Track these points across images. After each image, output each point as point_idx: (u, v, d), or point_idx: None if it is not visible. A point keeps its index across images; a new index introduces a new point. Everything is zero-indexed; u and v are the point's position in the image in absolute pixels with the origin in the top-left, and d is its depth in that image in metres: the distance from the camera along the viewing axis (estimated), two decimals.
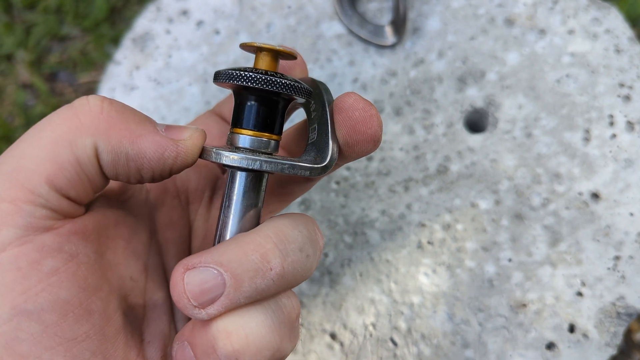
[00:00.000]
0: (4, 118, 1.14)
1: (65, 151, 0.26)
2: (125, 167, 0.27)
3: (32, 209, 0.25)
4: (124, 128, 0.27)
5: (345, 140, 0.29)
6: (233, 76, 0.27)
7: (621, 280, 0.46)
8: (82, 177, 0.26)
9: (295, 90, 0.28)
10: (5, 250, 0.24)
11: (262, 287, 0.27)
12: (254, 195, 0.29)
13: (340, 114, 0.28)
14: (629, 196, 0.48)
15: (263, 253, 0.27)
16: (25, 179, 0.25)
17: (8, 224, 0.24)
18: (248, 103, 0.29)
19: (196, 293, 0.26)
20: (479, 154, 0.50)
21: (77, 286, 0.25)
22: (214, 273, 0.26)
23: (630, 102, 0.50)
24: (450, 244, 0.48)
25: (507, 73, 0.52)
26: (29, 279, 0.24)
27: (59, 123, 0.26)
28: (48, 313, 0.24)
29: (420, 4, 0.55)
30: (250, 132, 0.29)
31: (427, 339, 0.47)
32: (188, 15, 0.58)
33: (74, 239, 0.26)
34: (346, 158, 0.30)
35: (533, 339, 0.46)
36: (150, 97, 0.56)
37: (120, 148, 0.27)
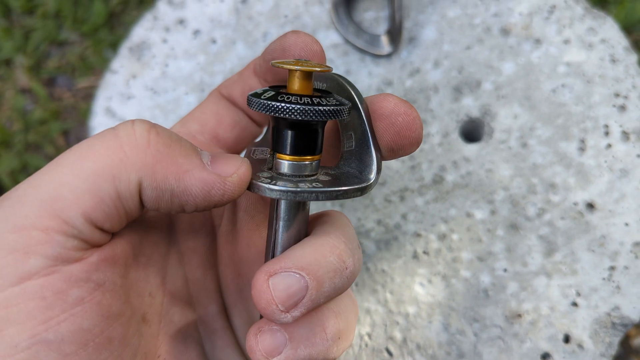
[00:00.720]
0: (3, 123, 1.14)
1: (107, 186, 0.25)
2: (168, 203, 0.27)
3: (64, 240, 0.24)
4: (171, 163, 0.26)
5: (389, 147, 0.28)
6: (269, 108, 0.26)
7: (616, 291, 0.46)
8: (120, 210, 0.26)
9: (338, 114, 0.27)
10: (31, 279, 0.24)
11: (339, 286, 0.28)
12: (301, 218, 0.29)
13: (382, 121, 0.28)
14: (624, 206, 0.48)
15: (339, 254, 0.27)
16: (61, 210, 0.24)
17: (37, 252, 0.24)
18: (288, 130, 0.28)
19: (283, 298, 0.26)
20: (474, 163, 0.50)
21: (100, 315, 0.25)
22: (297, 277, 0.26)
23: (626, 112, 0.50)
24: (445, 254, 0.48)
25: (503, 83, 0.52)
26: (53, 309, 0.24)
27: (102, 154, 0.25)
28: (68, 343, 0.24)
29: (416, 13, 0.55)
30: (293, 158, 0.28)
31: (423, 349, 0.47)
32: (185, 25, 0.58)
33: (103, 267, 0.26)
34: (390, 158, 0.30)
35: (528, 350, 0.46)
36: (146, 106, 0.56)
37: (166, 185, 0.26)
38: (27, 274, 0.24)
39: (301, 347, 0.27)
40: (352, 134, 0.29)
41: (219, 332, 0.33)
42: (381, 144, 0.28)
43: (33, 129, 1.14)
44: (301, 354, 0.27)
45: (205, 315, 0.33)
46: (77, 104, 1.15)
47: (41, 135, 1.13)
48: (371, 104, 0.29)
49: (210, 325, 0.33)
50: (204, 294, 0.33)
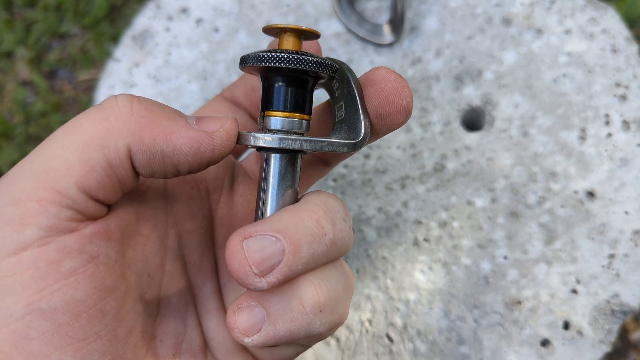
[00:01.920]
0: (4, 115, 1.15)
1: (97, 154, 0.25)
2: (161, 165, 0.27)
3: (58, 210, 0.25)
4: (155, 126, 0.26)
5: (377, 113, 0.29)
6: (263, 58, 0.27)
7: (616, 278, 0.47)
8: (113, 179, 0.26)
9: (326, 67, 0.28)
10: (26, 250, 0.24)
11: (318, 253, 0.27)
12: (291, 176, 0.29)
13: (372, 86, 0.28)
14: (624, 195, 0.48)
15: (317, 219, 0.27)
16: (54, 180, 0.25)
17: (32, 223, 0.24)
18: (277, 84, 0.28)
19: (257, 260, 0.26)
20: (475, 152, 0.50)
21: (93, 287, 0.25)
22: (272, 240, 0.26)
23: (626, 101, 0.50)
24: (446, 242, 0.49)
25: (504, 72, 0.52)
26: (46, 279, 0.24)
27: (89, 125, 0.26)
28: (61, 313, 0.24)
29: (418, 3, 0.55)
30: (282, 114, 0.29)
31: (423, 335, 0.47)
32: (188, 13, 0.58)
33: (97, 239, 0.26)
34: (378, 132, 0.30)
35: (528, 336, 0.46)
36: (149, 94, 0.56)
37: (155, 147, 0.26)
38: (23, 245, 0.24)
39: (279, 323, 0.27)
40: (343, 103, 0.30)
41: (213, 311, 0.33)
42: (370, 110, 0.29)
43: (34, 121, 1.14)
44: (281, 330, 0.27)
45: (201, 296, 0.33)
46: (78, 96, 1.15)
47: (42, 127, 1.13)
48: (364, 75, 0.29)
49: (205, 304, 0.33)
50: (201, 276, 0.33)
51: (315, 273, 0.28)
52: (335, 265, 0.29)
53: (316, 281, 0.28)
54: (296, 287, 0.27)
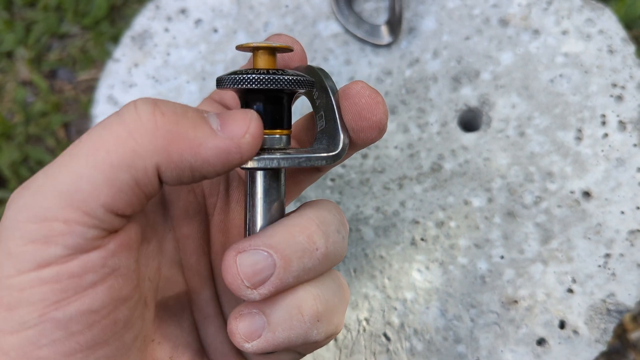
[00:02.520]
0: (4, 115, 1.15)
1: (125, 175, 0.25)
2: (190, 177, 0.27)
3: (85, 231, 0.25)
4: (182, 140, 0.26)
5: (350, 126, 0.29)
6: (236, 81, 0.28)
7: (612, 278, 0.47)
8: (140, 196, 0.26)
9: (298, 84, 0.28)
10: (49, 266, 0.24)
11: (309, 267, 0.28)
12: (276, 190, 0.30)
13: (347, 100, 0.29)
14: (620, 195, 0.48)
15: (309, 234, 0.28)
16: (82, 201, 0.24)
17: (57, 242, 0.24)
18: (255, 104, 0.29)
19: (249, 274, 0.27)
20: (472, 152, 0.51)
21: (110, 298, 0.26)
22: (265, 255, 0.27)
23: (623, 102, 0.50)
24: (443, 241, 0.49)
25: (501, 73, 0.52)
26: (66, 292, 0.24)
27: (114, 143, 0.25)
28: (75, 323, 0.24)
29: (416, 4, 0.55)
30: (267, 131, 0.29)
31: (420, 334, 0.47)
32: (187, 14, 0.58)
33: (119, 253, 0.26)
34: (354, 145, 0.30)
35: (524, 335, 0.46)
36: (148, 95, 0.56)
37: (183, 163, 0.26)
38: (46, 262, 0.24)
39: (279, 330, 0.28)
40: (322, 113, 0.30)
41: (212, 318, 0.33)
42: (344, 121, 0.29)
43: (34, 121, 1.14)
44: (280, 337, 0.28)
45: (199, 301, 0.33)
46: (78, 96, 1.15)
47: (42, 127, 1.13)
48: (342, 88, 0.30)
49: (203, 310, 0.33)
50: (198, 280, 0.33)
51: (314, 284, 0.29)
52: (332, 277, 0.30)
53: (315, 292, 0.29)
54: (296, 296, 0.28)
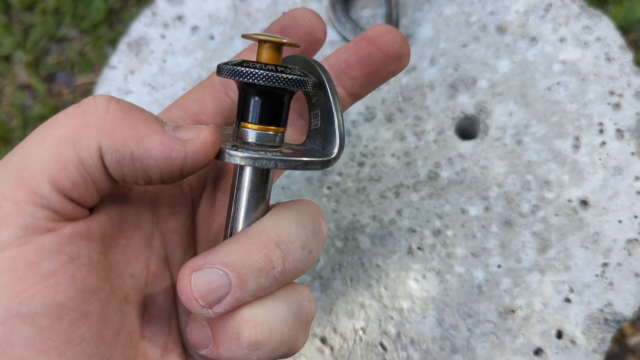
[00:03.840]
0: (2, 119, 1.15)
1: (69, 151, 0.25)
2: (131, 168, 0.27)
3: (34, 210, 0.24)
4: (129, 127, 0.26)
5: (371, 58, 0.31)
6: (238, 73, 0.27)
7: (609, 287, 0.47)
8: (86, 178, 0.26)
9: (303, 84, 0.28)
10: (3, 252, 0.24)
11: (266, 285, 0.28)
12: (263, 188, 0.30)
13: (364, 39, 0.31)
14: (617, 204, 0.48)
15: (266, 253, 0.27)
16: (29, 178, 0.25)
17: (8, 224, 0.24)
18: (254, 98, 0.29)
19: (203, 294, 0.26)
20: (469, 160, 0.50)
21: (74, 289, 0.25)
22: (220, 274, 0.27)
23: (620, 110, 0.50)
24: (440, 250, 0.49)
25: (498, 80, 0.52)
26: (25, 281, 0.24)
27: (64, 122, 0.26)
28: (42, 316, 0.24)
29: (413, 11, 0.55)
30: (257, 127, 0.29)
31: (416, 344, 0.47)
32: (183, 21, 0.58)
33: (76, 240, 0.26)
34: (370, 84, 0.32)
35: (521, 345, 0.46)
36: (144, 102, 0.56)
37: (125, 148, 0.26)
38: (0, 247, 0.24)
39: (222, 349, 0.28)
40: (319, 112, 0.30)
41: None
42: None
43: (32, 125, 1.14)
44: (223, 355, 0.28)
45: None
46: (76, 100, 1.15)
47: None
48: (361, 36, 0.32)
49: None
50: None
51: (264, 303, 0.28)
52: (291, 292, 0.29)
53: (260, 317, 0.28)
54: (237, 321, 0.27)
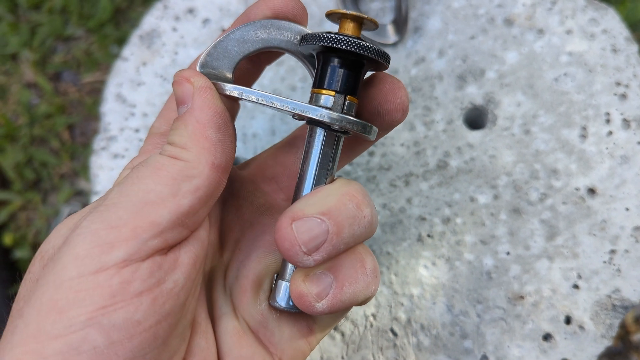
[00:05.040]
0: (9, 117, 1.15)
1: (186, 184, 0.28)
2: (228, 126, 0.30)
3: (148, 238, 0.27)
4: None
5: (377, 111, 0.31)
6: (333, 40, 0.28)
7: (617, 274, 0.47)
8: (203, 200, 0.29)
9: (383, 56, 0.29)
10: (108, 269, 0.26)
11: (358, 234, 0.30)
12: (334, 151, 0.31)
13: (373, 87, 0.31)
14: (624, 192, 0.49)
15: (358, 203, 0.30)
16: (151, 212, 0.27)
17: (120, 247, 0.26)
18: (334, 65, 0.30)
19: (305, 240, 0.28)
20: (478, 150, 0.51)
21: (153, 310, 0.26)
22: (318, 222, 0.28)
23: (627, 100, 0.51)
24: (449, 237, 0.49)
25: (506, 71, 0.53)
26: (114, 297, 0.25)
27: (170, 163, 0.29)
28: (117, 330, 0.25)
29: (421, 3, 0.56)
30: (340, 95, 0.30)
31: (427, 329, 0.48)
32: (194, 13, 0.59)
33: (167, 266, 0.27)
34: (380, 129, 0.33)
35: (530, 330, 0.47)
36: (156, 93, 0.57)
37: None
38: (105, 265, 0.26)
39: (346, 285, 0.29)
40: None
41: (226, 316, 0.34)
42: (370, 108, 0.32)
43: (38, 123, 1.15)
44: (347, 292, 0.29)
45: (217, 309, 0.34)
46: (82, 98, 1.16)
47: (46, 129, 1.14)
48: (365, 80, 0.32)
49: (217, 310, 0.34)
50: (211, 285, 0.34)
51: (364, 246, 0.31)
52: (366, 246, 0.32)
53: (368, 251, 0.31)
54: (358, 252, 0.30)
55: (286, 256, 0.29)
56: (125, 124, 0.57)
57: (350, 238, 0.29)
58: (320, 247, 0.28)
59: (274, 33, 0.32)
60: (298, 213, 0.29)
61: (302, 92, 0.55)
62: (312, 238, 0.28)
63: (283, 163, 0.36)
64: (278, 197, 0.36)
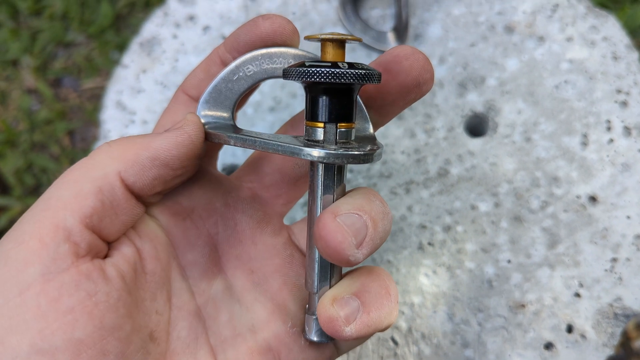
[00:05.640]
0: (9, 122, 1.15)
1: (87, 185, 0.28)
2: (153, 169, 0.29)
3: (57, 244, 0.26)
4: (134, 145, 0.29)
5: (417, 81, 0.31)
6: (307, 74, 0.27)
7: (618, 282, 0.47)
8: (107, 204, 0.28)
9: (371, 78, 0.28)
10: (29, 289, 0.25)
11: (387, 230, 0.30)
12: (334, 181, 0.30)
13: (407, 59, 0.31)
14: (626, 199, 0.49)
15: (380, 199, 0.30)
16: (52, 216, 0.26)
17: (34, 261, 0.25)
18: (322, 97, 0.29)
19: (354, 232, 0.28)
20: (478, 157, 0.51)
21: (92, 326, 0.26)
22: (357, 217, 0.28)
23: (627, 107, 0.51)
24: (450, 245, 0.49)
25: (507, 79, 0.53)
26: (47, 318, 0.25)
27: (77, 167, 0.28)
28: (62, 352, 0.25)
29: (422, 11, 0.56)
30: (331, 125, 0.29)
31: (427, 338, 0.47)
32: (195, 21, 0.59)
33: (94, 277, 0.27)
34: (412, 100, 0.32)
35: (531, 339, 0.46)
36: (156, 100, 0.57)
37: (140, 157, 0.29)
38: (26, 284, 0.25)
39: (372, 310, 0.29)
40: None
41: (230, 340, 0.33)
42: (409, 80, 0.31)
43: (39, 129, 1.15)
44: (373, 317, 0.29)
45: (215, 325, 0.33)
46: (83, 104, 1.16)
47: (47, 135, 1.14)
48: (390, 52, 0.31)
49: (220, 334, 0.33)
50: (213, 305, 0.33)
51: (386, 272, 0.31)
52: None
53: (390, 278, 0.31)
54: (383, 280, 0.30)
55: (335, 252, 0.28)
56: (125, 131, 0.56)
57: (383, 233, 0.29)
58: (364, 242, 0.28)
59: (266, 64, 0.31)
60: (336, 209, 0.28)
61: (302, 100, 0.55)
62: (356, 231, 0.28)
63: (282, 170, 0.35)
64: (277, 202, 0.35)
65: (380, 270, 0.31)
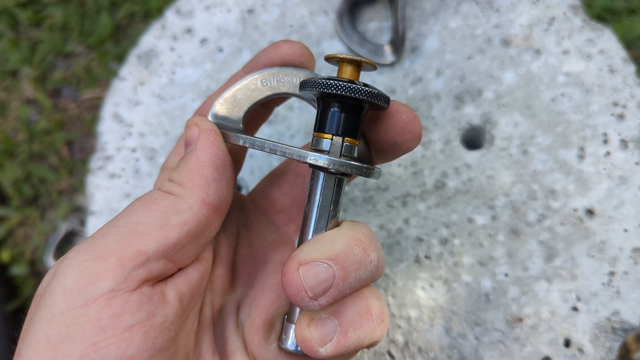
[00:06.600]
0: (8, 133, 1.16)
1: (174, 217, 0.29)
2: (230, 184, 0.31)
3: (134, 266, 0.27)
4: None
5: (394, 141, 0.32)
6: (326, 85, 0.29)
7: (616, 296, 0.47)
8: (191, 235, 0.29)
9: (382, 98, 0.30)
10: (96, 301, 0.26)
11: (364, 278, 0.30)
12: (334, 193, 0.32)
13: (388, 118, 0.32)
14: (623, 213, 0.49)
15: (364, 247, 0.30)
16: (138, 241, 0.27)
17: (107, 277, 0.26)
18: (334, 110, 0.30)
19: (312, 285, 0.28)
20: (475, 170, 0.51)
21: (145, 345, 0.26)
22: (325, 267, 0.29)
23: (624, 120, 0.51)
24: (447, 259, 0.49)
25: (504, 92, 0.53)
26: (105, 332, 0.26)
27: (162, 199, 0.29)
28: None
29: (419, 24, 0.56)
30: (338, 138, 0.31)
31: (424, 352, 0.47)
32: (192, 33, 0.59)
33: (156, 300, 0.28)
34: (393, 157, 0.33)
35: (529, 354, 0.46)
36: (154, 113, 0.57)
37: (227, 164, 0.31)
38: (94, 297, 0.26)
39: (350, 331, 0.29)
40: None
41: (239, 352, 0.34)
42: (387, 138, 0.32)
43: (37, 139, 1.15)
44: (351, 338, 0.29)
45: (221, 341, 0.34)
46: (82, 114, 1.16)
47: (45, 145, 1.14)
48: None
49: (228, 346, 0.34)
50: (220, 320, 0.34)
51: (372, 289, 0.31)
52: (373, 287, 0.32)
53: (377, 293, 0.31)
54: (364, 297, 0.30)
55: (292, 300, 0.29)
56: (122, 143, 0.56)
57: (356, 282, 0.29)
58: (327, 292, 0.28)
59: (282, 80, 0.33)
60: (305, 257, 0.29)
61: (299, 113, 0.55)
62: (318, 283, 0.28)
63: (290, 195, 0.37)
64: (289, 230, 0.37)
65: (363, 288, 0.31)
